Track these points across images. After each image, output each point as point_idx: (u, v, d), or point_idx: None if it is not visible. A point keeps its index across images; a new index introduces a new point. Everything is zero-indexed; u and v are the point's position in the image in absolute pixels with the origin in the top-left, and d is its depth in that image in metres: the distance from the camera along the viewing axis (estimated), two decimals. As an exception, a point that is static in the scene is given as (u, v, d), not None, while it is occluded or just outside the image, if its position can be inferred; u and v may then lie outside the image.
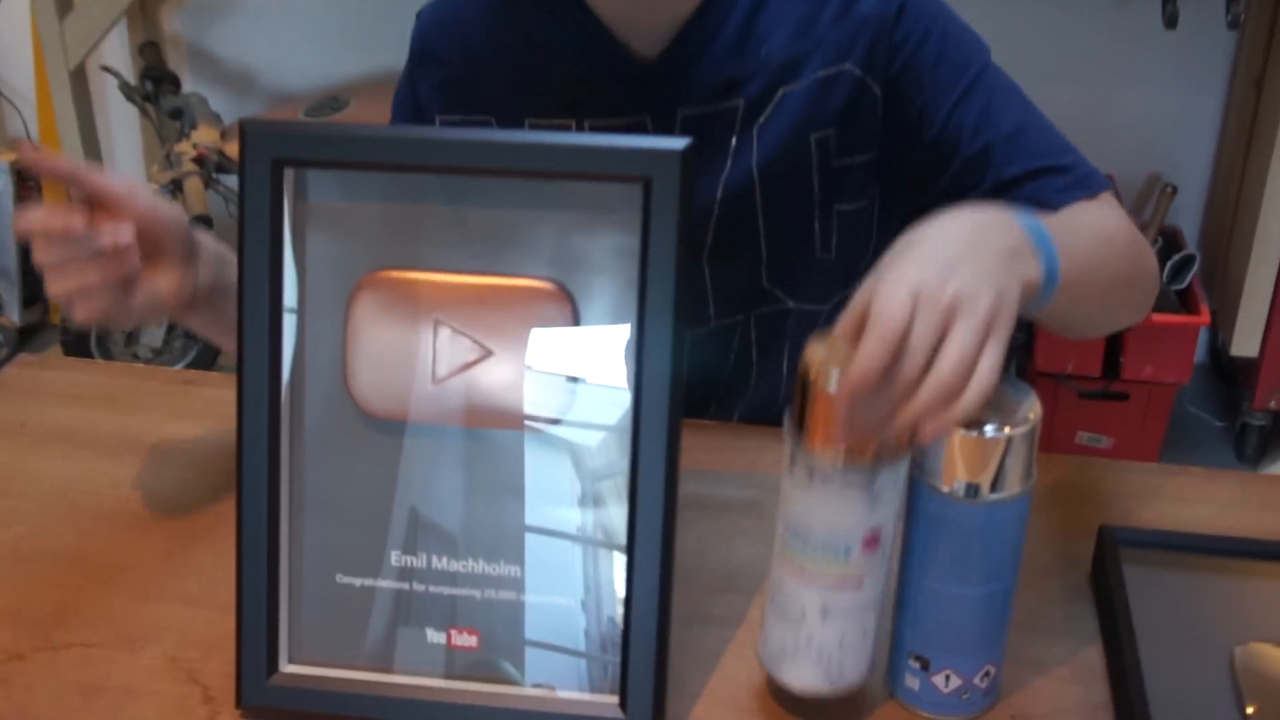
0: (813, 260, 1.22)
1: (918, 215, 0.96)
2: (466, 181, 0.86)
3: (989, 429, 0.81)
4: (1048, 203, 1.09)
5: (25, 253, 2.98)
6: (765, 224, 1.20)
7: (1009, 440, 0.81)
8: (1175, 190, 2.73)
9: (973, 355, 0.77)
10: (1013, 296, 0.81)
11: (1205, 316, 2.57)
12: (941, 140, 1.14)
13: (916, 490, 0.85)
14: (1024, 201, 1.09)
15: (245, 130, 0.86)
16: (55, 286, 0.96)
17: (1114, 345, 2.54)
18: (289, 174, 0.87)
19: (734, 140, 1.17)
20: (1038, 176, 1.11)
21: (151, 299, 1.00)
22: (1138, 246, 1.09)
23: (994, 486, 0.82)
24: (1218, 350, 2.80)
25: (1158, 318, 2.51)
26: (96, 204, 0.97)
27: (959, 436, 0.81)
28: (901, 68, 1.14)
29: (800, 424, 0.81)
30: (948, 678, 0.88)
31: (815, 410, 0.80)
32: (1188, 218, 2.88)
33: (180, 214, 1.03)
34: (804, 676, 0.87)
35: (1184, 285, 2.65)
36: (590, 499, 0.88)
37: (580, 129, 1.18)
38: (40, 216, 0.94)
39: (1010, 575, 0.86)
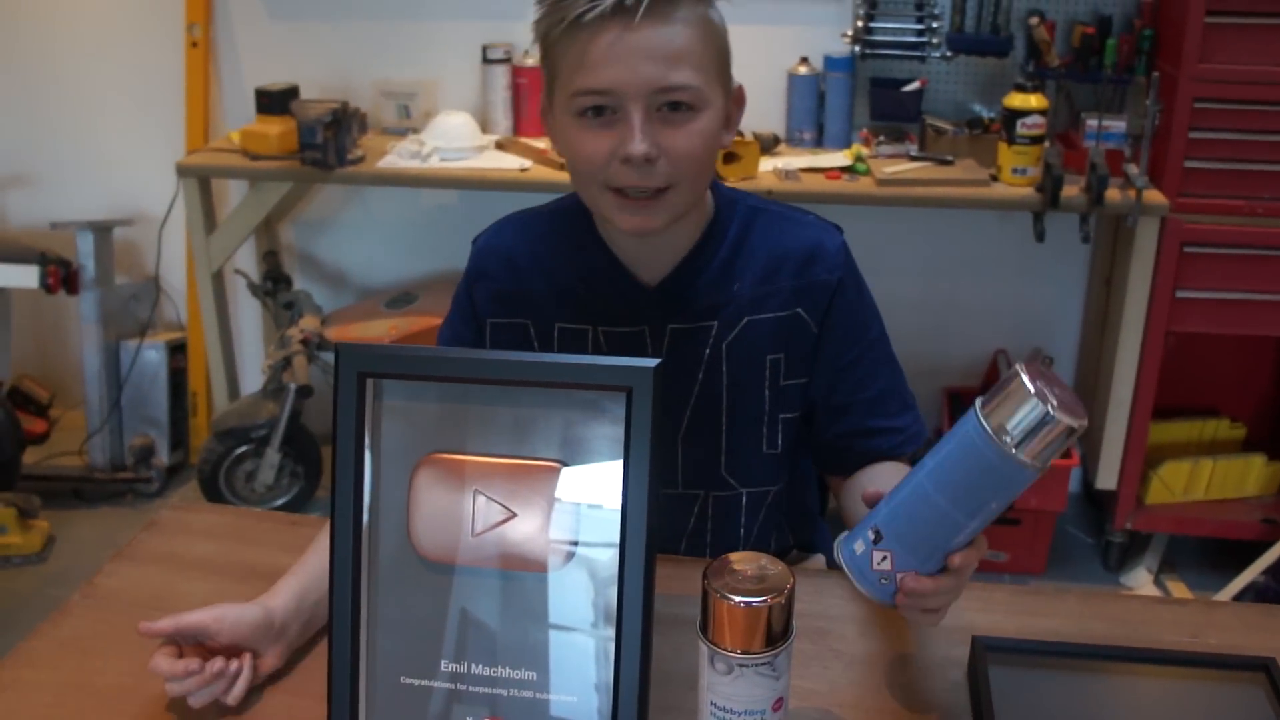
0: (760, 456, 1.25)
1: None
2: (497, 389, 0.90)
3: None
4: (885, 452, 1.23)
5: (172, 407, 3.00)
6: (727, 423, 1.22)
7: None
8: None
9: None
10: None
11: (1076, 459, 2.60)
12: (833, 380, 1.22)
13: (968, 419, 0.85)
14: (869, 446, 1.22)
15: (339, 350, 0.91)
16: (180, 695, 0.99)
17: (1006, 481, 2.56)
18: (370, 383, 0.91)
19: (708, 352, 1.20)
20: (881, 434, 1.23)
21: (262, 674, 1.02)
22: None
23: (1019, 446, 0.83)
24: (1087, 484, 2.82)
25: (1039, 459, 2.54)
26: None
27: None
28: (830, 321, 1.20)
29: (709, 629, 0.85)
30: (885, 557, 0.90)
31: (722, 620, 0.84)
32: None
33: (257, 614, 1.02)
34: None
35: (1059, 434, 2.69)
36: (590, 622, 0.91)
37: (595, 333, 1.21)
38: (165, 667, 0.98)
39: (978, 520, 0.87)
